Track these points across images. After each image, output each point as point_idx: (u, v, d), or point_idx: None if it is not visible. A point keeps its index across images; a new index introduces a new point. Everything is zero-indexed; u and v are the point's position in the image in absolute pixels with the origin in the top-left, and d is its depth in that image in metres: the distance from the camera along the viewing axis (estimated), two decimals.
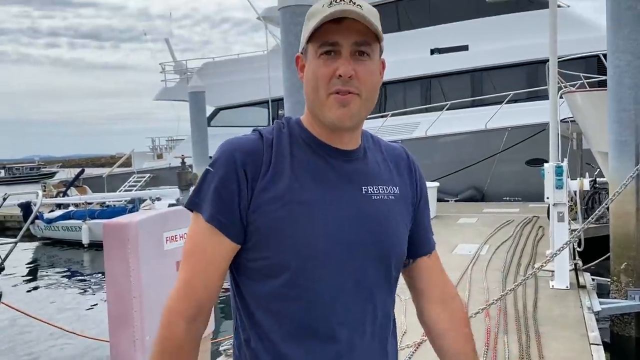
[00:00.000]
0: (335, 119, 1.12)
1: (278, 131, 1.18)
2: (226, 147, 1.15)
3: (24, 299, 9.56)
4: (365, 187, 1.18)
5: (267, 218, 1.10)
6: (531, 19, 14.71)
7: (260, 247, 1.11)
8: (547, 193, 5.87)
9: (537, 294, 5.49)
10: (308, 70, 1.15)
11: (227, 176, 1.11)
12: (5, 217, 18.66)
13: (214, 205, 1.11)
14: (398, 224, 1.22)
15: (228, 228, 1.11)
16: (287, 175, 1.12)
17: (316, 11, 1.12)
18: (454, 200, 14.37)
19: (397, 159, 1.30)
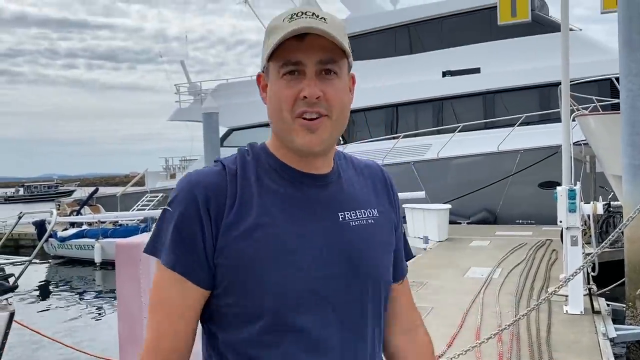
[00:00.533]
0: (303, 145, 1.02)
1: (242, 160, 1.07)
2: (185, 183, 1.04)
3: (36, 317, 9.60)
4: (341, 214, 1.07)
5: (237, 258, 0.99)
6: (543, 42, 14.75)
7: (232, 291, 1.00)
8: (560, 216, 5.81)
9: (551, 319, 5.41)
10: (270, 92, 1.04)
11: (187, 216, 1.00)
12: (20, 235, 18.82)
13: (175, 250, 1.00)
14: (381, 250, 1.12)
15: (194, 274, 1.00)
16: (255, 208, 1.01)
17: (276, 26, 1.02)
18: (466, 222, 14.28)
19: (373, 178, 1.19)
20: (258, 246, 0.99)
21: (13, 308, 4.70)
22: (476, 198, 14.17)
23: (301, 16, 1.00)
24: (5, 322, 4.58)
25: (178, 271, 1.00)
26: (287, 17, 1.01)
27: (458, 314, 5.76)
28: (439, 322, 5.55)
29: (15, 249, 18.16)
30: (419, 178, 14.92)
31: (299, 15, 1.00)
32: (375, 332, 1.11)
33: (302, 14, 1.01)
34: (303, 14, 1.01)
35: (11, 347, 5.11)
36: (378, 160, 15.84)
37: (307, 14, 1.01)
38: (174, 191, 1.05)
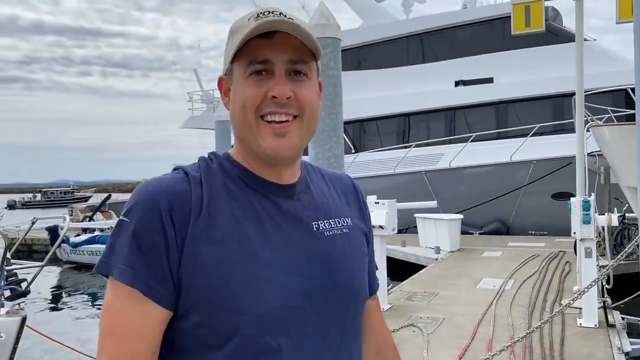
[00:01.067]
0: (271, 150, 0.95)
1: (206, 168, 0.98)
2: (143, 190, 0.93)
3: (47, 322, 9.64)
4: (315, 223, 1.01)
5: (205, 274, 0.88)
6: (557, 52, 14.67)
7: (199, 311, 0.89)
8: (574, 228, 5.75)
9: (564, 332, 5.34)
10: (235, 94, 0.96)
11: (148, 225, 0.89)
12: (33, 240, 18.98)
13: (134, 264, 0.88)
14: (357, 261, 1.06)
15: (157, 291, 0.88)
16: (224, 218, 0.92)
17: (241, 25, 0.95)
18: (478, 233, 14.18)
19: (344, 188, 1.13)
20: (229, 260, 0.90)
21: (25, 313, 4.72)
22: (488, 208, 14.08)
23: (268, 15, 0.93)
24: (17, 326, 4.60)
25: (138, 288, 0.88)
26: (253, 16, 0.94)
27: (470, 325, 5.70)
28: (451, 332, 5.50)
29: (28, 253, 18.30)
30: (431, 187, 14.86)
31: (266, 14, 0.94)
32: (355, 350, 1.04)
33: (268, 12, 0.94)
34: (270, 12, 0.94)
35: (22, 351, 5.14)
36: (389, 169, 15.89)
37: (274, 13, 0.94)
38: (130, 200, 0.93)
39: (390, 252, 10.16)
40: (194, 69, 24.06)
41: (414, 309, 6.47)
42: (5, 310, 4.58)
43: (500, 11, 15.60)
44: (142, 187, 0.94)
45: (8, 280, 4.66)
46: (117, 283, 0.89)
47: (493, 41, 16.00)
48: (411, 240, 11.92)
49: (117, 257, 0.90)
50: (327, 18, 8.24)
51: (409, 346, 5.10)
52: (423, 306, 6.65)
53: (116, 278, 0.89)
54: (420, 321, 5.86)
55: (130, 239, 0.89)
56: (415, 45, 17.51)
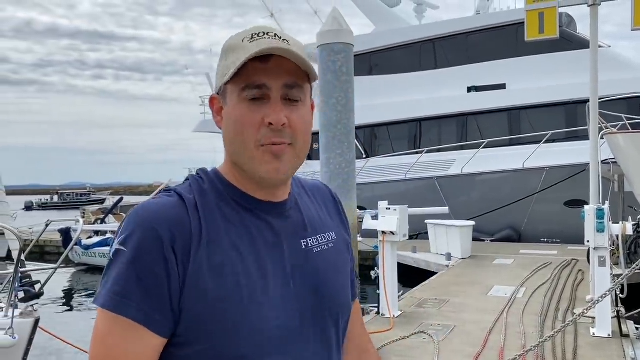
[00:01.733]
0: (266, 174, 0.96)
1: (199, 189, 0.98)
2: (140, 218, 0.91)
3: (59, 324, 9.71)
4: (304, 241, 1.03)
5: (206, 301, 0.89)
6: (571, 59, 14.59)
7: (200, 337, 0.89)
8: (587, 236, 5.70)
9: (577, 341, 5.28)
10: (230, 117, 0.96)
11: (149, 256, 0.88)
12: (45, 242, 19.15)
13: (133, 296, 0.87)
14: (343, 274, 1.09)
15: (157, 322, 0.88)
16: (222, 243, 0.93)
17: (236, 46, 0.95)
18: (490, 240, 14.08)
19: (324, 200, 1.15)
20: (228, 286, 0.90)
21: (38, 314, 4.76)
22: (500, 215, 13.99)
23: (263, 36, 0.94)
24: (31, 328, 4.64)
25: (141, 322, 0.87)
26: (247, 37, 0.94)
27: (481, 333, 5.66)
28: (462, 340, 5.46)
29: (40, 255, 18.47)
30: (443, 194, 14.80)
31: (260, 36, 0.94)
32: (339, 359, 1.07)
33: (263, 34, 0.94)
34: (265, 34, 0.94)
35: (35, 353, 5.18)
36: (401, 175, 15.86)
37: (269, 35, 0.94)
38: (126, 228, 0.91)
39: (401, 259, 10.12)
40: (206, 73, 24.20)
41: (425, 316, 6.44)
42: (19, 312, 4.62)
43: (514, 17, 15.54)
44: (138, 213, 0.92)
45: (22, 281, 4.71)
46: (113, 315, 0.87)
47: (506, 47, 15.94)
48: (422, 247, 11.87)
49: (118, 289, 0.88)
50: (340, 23, 8.27)
51: (420, 353, 5.07)
52: (434, 313, 6.61)
53: (114, 310, 0.87)
54: (431, 328, 5.82)
55: (131, 271, 0.88)
56: (428, 51, 17.48)
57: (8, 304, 4.63)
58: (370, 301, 8.72)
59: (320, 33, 8.18)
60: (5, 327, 4.45)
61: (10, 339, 4.43)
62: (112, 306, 0.88)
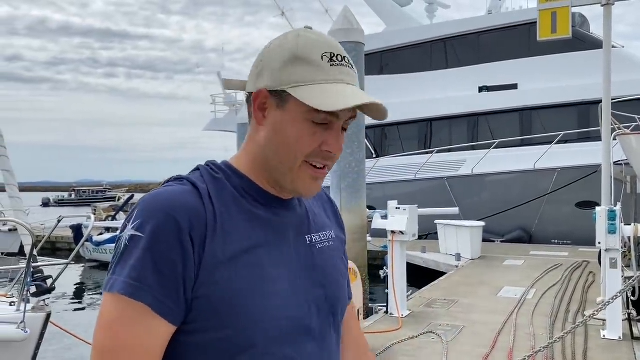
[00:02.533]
0: (304, 191, 0.99)
1: (212, 180, 0.98)
2: (157, 204, 0.90)
3: (70, 319, 9.80)
4: (309, 236, 1.06)
5: (220, 290, 0.89)
6: (584, 59, 14.47)
7: (211, 326, 0.90)
8: (598, 238, 5.65)
9: (587, 343, 5.25)
10: (285, 128, 0.95)
11: (167, 243, 0.87)
12: (57, 238, 19.32)
13: (147, 281, 0.86)
14: (342, 272, 1.12)
15: (169, 309, 0.88)
16: (236, 233, 0.94)
17: (313, 62, 0.94)
18: (500, 241, 14.02)
19: (322, 201, 1.18)
20: (242, 276, 0.91)
21: (50, 309, 4.81)
22: (511, 216, 13.92)
23: (342, 61, 0.95)
24: (42, 323, 4.69)
25: (153, 307, 0.86)
26: (327, 56, 0.94)
27: (490, 333, 5.64)
28: (471, 341, 5.45)
29: (52, 251, 18.64)
30: (453, 194, 14.74)
31: (339, 60, 0.95)
32: (338, 354, 1.09)
33: (341, 57, 0.95)
34: (342, 58, 0.96)
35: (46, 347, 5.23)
36: (411, 175, 15.81)
37: (346, 60, 0.96)
38: (142, 213, 0.90)
39: (410, 258, 10.10)
40: (217, 72, 24.28)
41: (434, 316, 6.43)
42: (31, 306, 4.67)
43: (526, 17, 15.44)
44: (153, 199, 0.91)
45: (34, 276, 4.75)
46: (128, 300, 0.86)
47: (518, 47, 15.84)
48: (431, 247, 11.84)
49: (132, 275, 0.87)
50: (351, 22, 8.27)
51: (428, 353, 5.06)
52: (443, 313, 6.59)
53: (131, 296, 0.86)
54: (439, 328, 5.81)
55: (147, 256, 0.87)
56: (439, 50, 17.41)
57: (20, 299, 4.67)
58: (379, 300, 8.72)
59: (331, 32, 8.18)
60: (17, 321, 4.50)
61: (22, 333, 4.48)
62: (129, 292, 0.86)
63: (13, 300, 4.88)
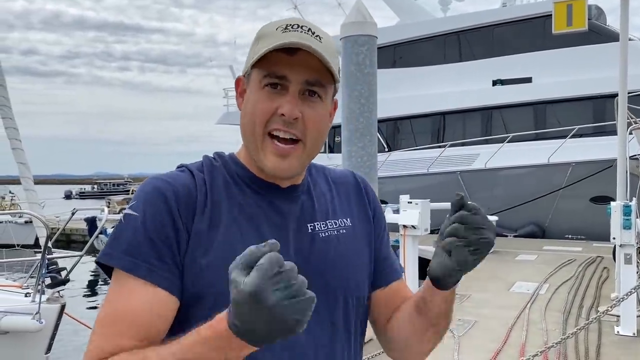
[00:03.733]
0: (271, 169, 0.98)
1: (210, 167, 1.02)
2: (149, 185, 0.95)
3: (84, 310, 9.92)
4: (311, 225, 1.04)
5: (205, 268, 0.91)
6: (599, 52, 14.26)
7: (197, 305, 0.92)
8: (613, 233, 5.60)
9: (601, 339, 5.21)
10: (248, 101, 0.99)
11: (158, 217, 0.91)
12: (71, 230, 19.53)
13: (142, 254, 0.89)
14: (354, 261, 1.07)
15: (169, 281, 0.90)
16: (224, 219, 0.95)
17: (268, 33, 0.96)
18: (513, 235, 13.93)
19: (346, 186, 1.15)
20: (227, 258, 0.85)
21: (64, 301, 4.87)
22: (524, 211, 13.81)
23: (296, 29, 0.94)
24: (57, 314, 4.75)
25: (149, 279, 0.88)
26: (281, 27, 0.95)
27: (502, 329, 5.62)
28: (482, 336, 5.43)
29: (66, 243, 18.85)
30: (465, 188, 14.66)
31: (294, 27, 0.95)
32: (350, 349, 1.05)
33: (297, 26, 0.95)
34: (299, 26, 0.95)
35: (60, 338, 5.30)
36: (423, 169, 15.74)
37: (303, 28, 0.95)
38: (137, 194, 0.95)
39: (422, 253, 10.02)
40: (229, 66, 24.31)
41: None
42: (46, 297, 4.73)
43: (541, 9, 15.25)
44: (148, 182, 0.96)
45: (49, 268, 4.81)
46: (126, 275, 0.89)
47: (532, 40, 15.66)
48: None
49: (123, 247, 0.90)
50: (363, 15, 8.21)
51: (439, 348, 5.02)
52: (454, 308, 6.54)
53: (126, 270, 0.89)
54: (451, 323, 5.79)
55: (140, 230, 0.90)
56: (453, 43, 17.27)
57: (35, 290, 4.74)
58: None
59: (344, 25, 8.14)
60: (32, 312, 4.56)
61: (37, 323, 4.54)
62: (123, 266, 0.90)
63: (28, 292, 4.95)
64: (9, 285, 5.59)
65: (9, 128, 6.43)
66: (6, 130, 6.44)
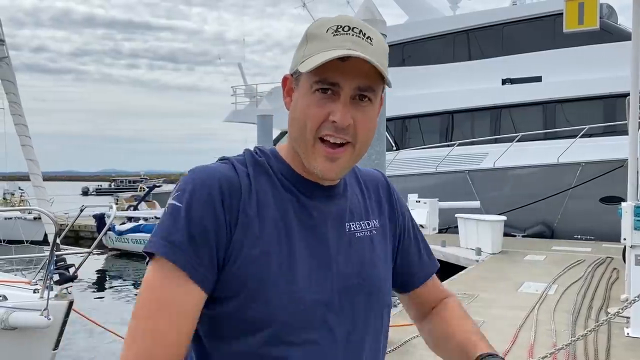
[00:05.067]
0: (320, 172, 0.98)
1: (252, 161, 1.02)
2: (196, 176, 0.95)
3: (92, 306, 9.98)
4: (348, 225, 1.06)
5: (247, 263, 0.92)
6: (610, 51, 14.15)
7: (237, 297, 0.92)
8: (624, 234, 5.55)
9: (610, 341, 5.16)
10: (297, 104, 0.98)
11: (201, 211, 0.92)
12: (80, 227, 19.65)
13: (182, 245, 0.90)
14: (382, 261, 1.10)
15: (202, 275, 0.91)
16: (268, 212, 0.97)
17: (318, 35, 0.96)
18: (522, 235, 13.86)
19: (376, 187, 1.17)
20: (272, 254, 0.94)
21: (72, 297, 4.89)
22: (533, 211, 13.73)
23: (347, 31, 0.94)
24: (65, 310, 4.77)
25: (188, 272, 0.90)
26: (332, 28, 0.94)
27: (510, 329, 5.58)
28: (490, 336, 5.34)
29: (75, 240, 18.97)
30: (474, 187, 14.60)
31: (345, 30, 0.94)
32: (377, 349, 1.08)
33: (348, 28, 0.94)
34: (350, 28, 0.94)
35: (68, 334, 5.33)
36: (431, 168, 15.68)
37: (354, 30, 0.94)
38: (181, 184, 0.95)
39: None
40: (238, 64, 24.34)
41: None
42: (54, 294, 4.75)
43: (551, 8, 15.13)
44: (193, 172, 0.96)
45: (57, 264, 4.83)
46: (164, 263, 0.90)
47: (543, 39, 15.56)
48: (452, 241, 11.74)
49: (168, 238, 0.91)
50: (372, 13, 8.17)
51: None
52: None
53: (164, 257, 0.90)
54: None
55: (183, 223, 0.91)
56: (462, 42, 17.20)
57: (44, 286, 4.76)
58: None
59: None
60: (40, 308, 4.59)
61: (45, 320, 4.57)
62: (162, 252, 0.91)
63: (37, 288, 4.98)
64: (17, 282, 5.62)
65: (19, 125, 6.47)
66: (16, 127, 6.48)
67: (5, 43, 6.51)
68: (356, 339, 1.01)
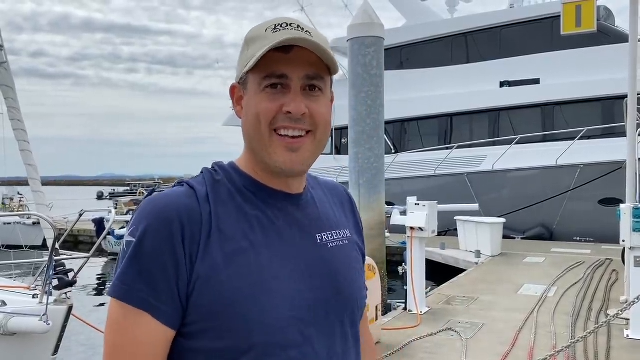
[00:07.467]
0: (282, 164, 0.95)
1: (211, 181, 0.97)
2: (150, 207, 0.91)
3: (91, 311, 9.95)
4: (319, 235, 1.02)
5: (218, 291, 0.88)
6: (608, 53, 14.18)
7: (211, 328, 0.89)
8: (623, 236, 5.55)
9: (610, 342, 5.16)
10: (249, 106, 0.96)
11: (157, 246, 0.88)
12: (79, 231, 19.62)
13: (140, 288, 0.87)
14: (356, 271, 1.07)
15: (164, 313, 0.88)
16: (233, 234, 0.92)
17: (258, 36, 0.95)
18: (521, 237, 13.86)
19: (340, 199, 1.15)
20: (240, 275, 0.89)
21: (71, 302, 4.87)
22: (532, 213, 13.74)
23: (285, 27, 0.94)
24: (64, 315, 4.75)
25: (144, 308, 0.87)
26: (270, 28, 0.95)
27: (510, 331, 5.58)
28: (491, 339, 5.39)
29: (74, 244, 18.93)
30: (473, 190, 14.60)
31: (283, 27, 0.94)
32: (356, 356, 1.06)
33: (286, 25, 0.95)
34: (287, 25, 0.95)
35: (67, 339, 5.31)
36: (430, 170, 15.70)
37: (292, 26, 0.94)
38: (136, 219, 0.91)
39: (429, 255, 10.04)
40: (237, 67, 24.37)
41: (453, 313, 6.38)
42: (53, 299, 4.74)
43: (549, 10, 15.20)
44: (148, 204, 0.92)
45: (56, 269, 4.82)
46: (121, 303, 0.88)
47: (540, 41, 15.60)
48: (451, 243, 11.75)
49: (123, 279, 0.89)
50: (370, 17, 8.20)
51: (447, 351, 5.02)
52: (462, 310, 6.54)
53: (121, 299, 0.88)
54: (458, 326, 5.76)
55: (136, 259, 0.88)
56: (460, 45, 17.23)
57: (43, 291, 4.75)
58: (398, 297, 8.68)
59: (351, 26, 8.14)
60: (39, 313, 4.57)
61: (44, 325, 4.55)
62: (119, 295, 0.89)
63: (36, 293, 4.96)
64: (16, 287, 5.61)
65: (18, 130, 6.47)
66: (14, 132, 6.48)
67: (4, 48, 6.51)
68: (337, 352, 0.99)
